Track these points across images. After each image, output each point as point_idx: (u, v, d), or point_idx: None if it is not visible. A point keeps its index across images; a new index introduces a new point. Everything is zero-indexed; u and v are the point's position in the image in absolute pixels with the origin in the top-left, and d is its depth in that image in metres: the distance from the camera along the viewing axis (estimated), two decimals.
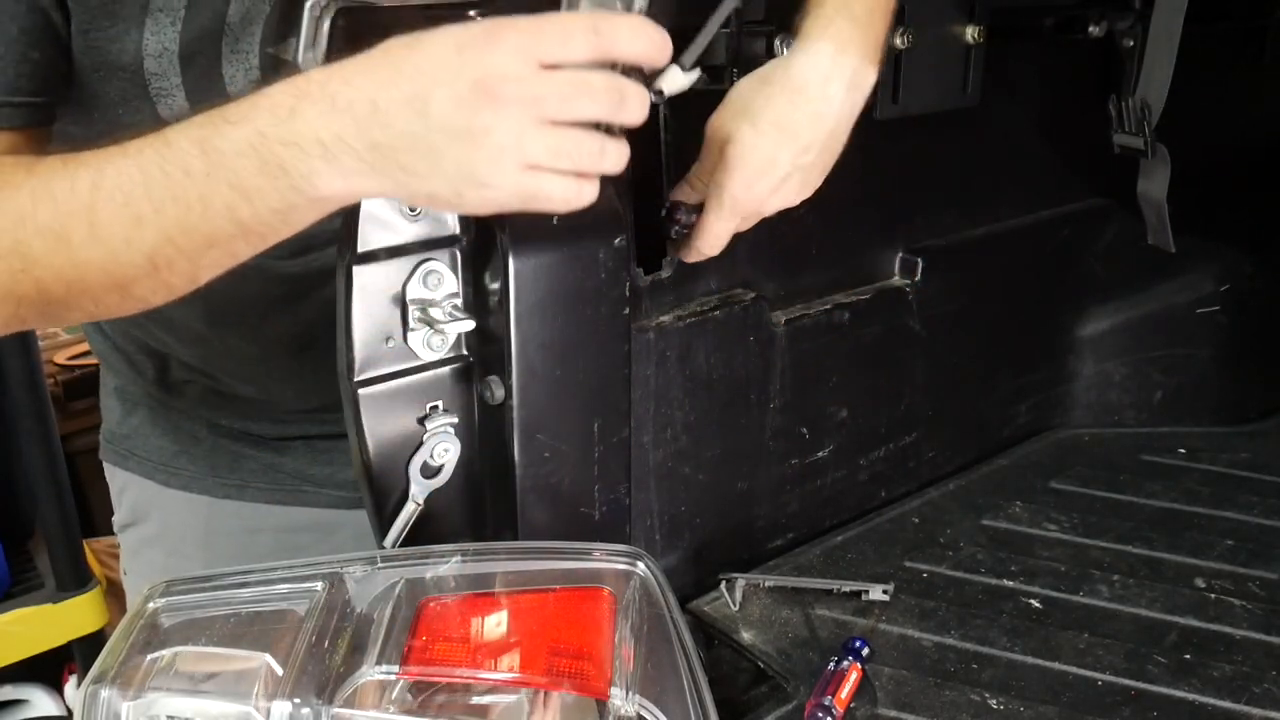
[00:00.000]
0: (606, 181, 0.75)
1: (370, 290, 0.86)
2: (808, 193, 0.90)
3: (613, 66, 0.69)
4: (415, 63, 0.67)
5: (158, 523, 1.27)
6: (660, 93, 0.78)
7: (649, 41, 0.69)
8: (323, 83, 0.68)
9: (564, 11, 0.72)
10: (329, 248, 0.94)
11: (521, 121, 0.66)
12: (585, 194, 0.71)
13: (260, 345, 0.96)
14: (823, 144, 0.87)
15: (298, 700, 0.74)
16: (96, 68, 0.89)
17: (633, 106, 0.69)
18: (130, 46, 0.87)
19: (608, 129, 0.70)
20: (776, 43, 0.93)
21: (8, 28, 0.82)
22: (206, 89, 0.92)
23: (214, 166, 0.69)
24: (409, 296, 0.88)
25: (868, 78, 0.87)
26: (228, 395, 1.15)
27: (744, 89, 0.87)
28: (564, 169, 0.69)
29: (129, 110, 0.92)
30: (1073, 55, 1.46)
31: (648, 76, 0.73)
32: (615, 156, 0.70)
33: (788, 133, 0.86)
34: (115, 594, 2.05)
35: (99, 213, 0.72)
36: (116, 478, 1.29)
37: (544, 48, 0.66)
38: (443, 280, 0.89)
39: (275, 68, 0.90)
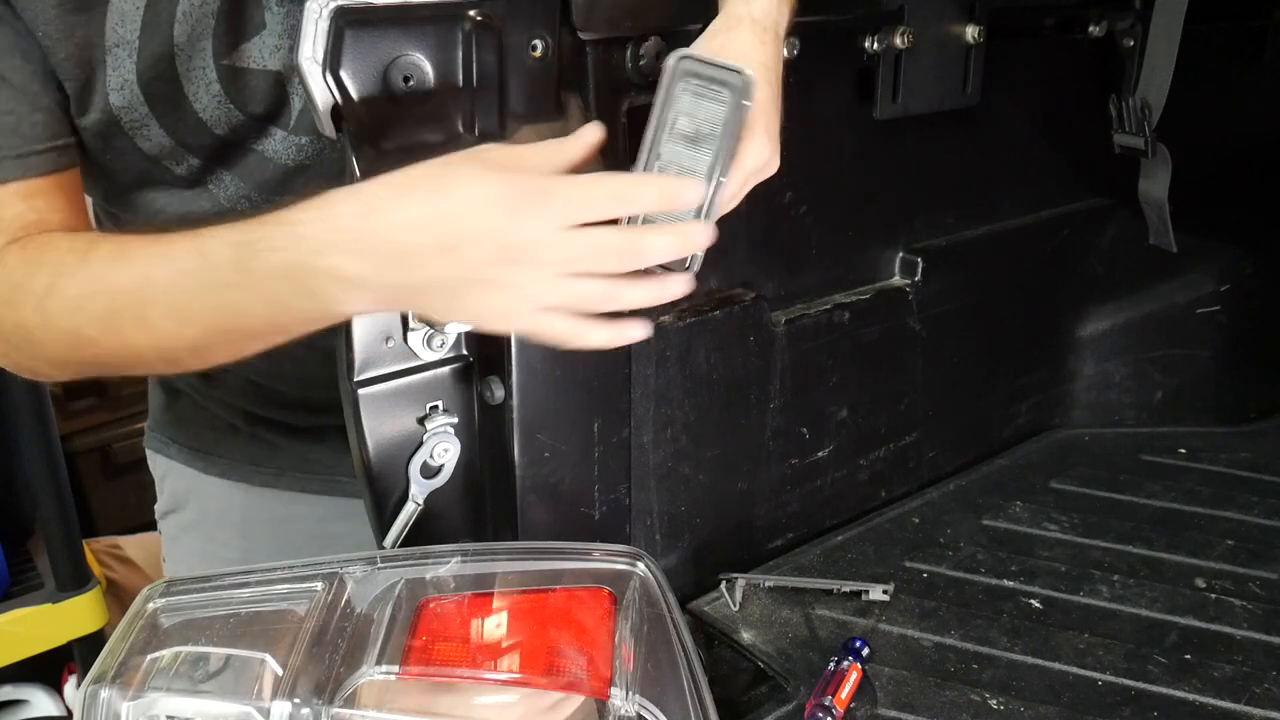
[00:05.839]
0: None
1: None
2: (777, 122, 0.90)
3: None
4: (450, 212, 0.71)
5: (196, 509, 1.29)
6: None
7: (666, 198, 0.74)
8: (356, 217, 0.72)
9: (639, 171, 0.77)
10: None
11: (548, 278, 0.72)
12: (588, 334, 0.76)
13: (304, 346, 0.99)
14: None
15: (298, 700, 0.74)
16: (78, 111, 0.93)
17: (650, 256, 0.74)
18: (98, 85, 0.91)
19: None
20: None
21: (16, 81, 0.88)
22: (176, 113, 0.95)
23: (250, 285, 0.76)
24: None
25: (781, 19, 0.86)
26: (264, 386, 1.17)
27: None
28: (575, 313, 0.75)
29: (113, 152, 0.96)
30: (1073, 55, 1.46)
31: None
32: (629, 297, 0.75)
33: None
34: (115, 594, 2.05)
35: (147, 309, 0.80)
36: (158, 465, 1.32)
37: (580, 214, 0.71)
38: None
39: (234, 79, 0.95)
